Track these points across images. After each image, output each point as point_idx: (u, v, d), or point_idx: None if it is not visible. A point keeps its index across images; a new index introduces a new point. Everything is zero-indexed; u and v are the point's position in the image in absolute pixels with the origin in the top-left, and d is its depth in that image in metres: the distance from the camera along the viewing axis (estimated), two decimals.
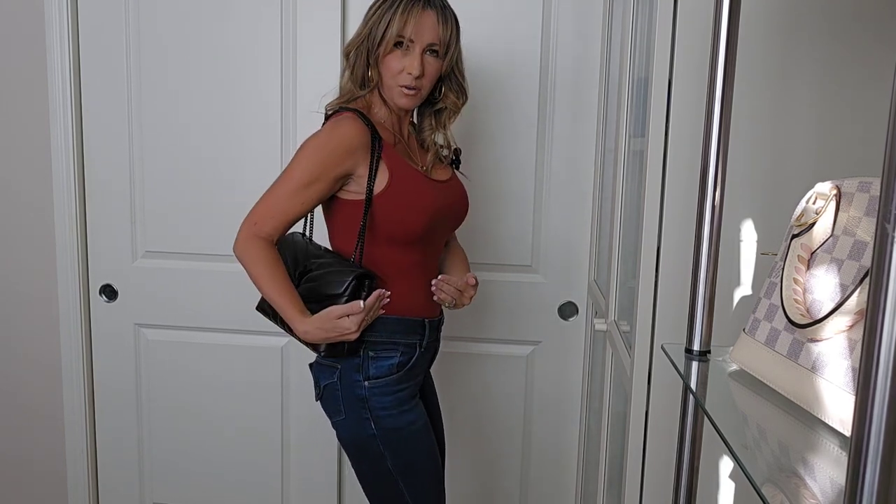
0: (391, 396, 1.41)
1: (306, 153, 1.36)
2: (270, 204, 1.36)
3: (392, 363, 1.42)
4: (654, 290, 1.14)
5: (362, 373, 1.40)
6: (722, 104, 0.85)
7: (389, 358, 1.42)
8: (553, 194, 1.92)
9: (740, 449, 0.64)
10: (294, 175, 1.35)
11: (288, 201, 1.35)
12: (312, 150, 1.36)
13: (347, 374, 1.41)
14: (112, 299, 2.07)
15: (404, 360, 1.43)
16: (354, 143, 1.35)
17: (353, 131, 1.35)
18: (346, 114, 1.39)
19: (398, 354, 1.43)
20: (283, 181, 1.36)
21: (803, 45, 1.06)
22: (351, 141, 1.35)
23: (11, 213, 2.05)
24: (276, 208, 1.35)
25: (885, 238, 0.39)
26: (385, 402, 1.41)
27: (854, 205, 0.68)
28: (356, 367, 1.41)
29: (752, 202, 1.08)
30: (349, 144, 1.34)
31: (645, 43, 1.30)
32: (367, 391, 1.40)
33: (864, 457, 0.40)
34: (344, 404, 1.42)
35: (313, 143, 1.37)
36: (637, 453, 1.18)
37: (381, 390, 1.40)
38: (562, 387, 1.99)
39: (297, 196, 1.34)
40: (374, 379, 1.40)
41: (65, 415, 2.10)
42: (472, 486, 2.06)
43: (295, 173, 1.35)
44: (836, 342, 0.63)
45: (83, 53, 1.98)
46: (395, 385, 1.41)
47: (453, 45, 1.42)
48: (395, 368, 1.42)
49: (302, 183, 1.34)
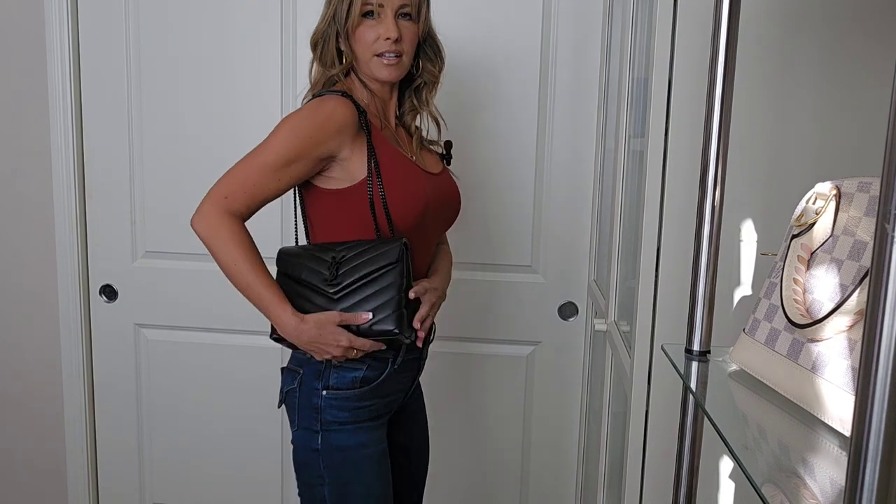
0: (349, 412, 1.27)
1: (288, 127, 1.21)
2: (243, 177, 1.19)
3: (356, 376, 1.28)
4: (654, 290, 1.14)
5: (322, 381, 1.27)
6: (722, 104, 0.85)
7: (354, 370, 1.28)
8: (553, 194, 1.92)
9: (740, 449, 0.64)
10: (273, 149, 1.19)
11: (264, 177, 1.19)
12: (295, 125, 1.22)
13: (308, 380, 1.29)
14: (112, 299, 2.07)
15: (371, 376, 1.29)
16: (341, 121, 1.22)
17: (341, 108, 1.23)
18: (328, 95, 1.26)
19: (364, 368, 1.28)
20: (259, 154, 1.20)
21: (803, 45, 1.06)
22: (338, 118, 1.22)
23: (11, 213, 2.05)
24: (250, 183, 1.19)
25: (885, 238, 0.39)
26: (340, 417, 1.27)
27: (854, 205, 0.68)
28: (317, 373, 1.28)
29: (752, 202, 1.08)
30: (336, 122, 1.22)
31: (645, 43, 1.30)
32: (323, 401, 1.26)
33: (863, 456, 0.40)
34: (299, 413, 1.29)
35: (295, 119, 1.23)
36: (637, 453, 1.18)
37: (338, 403, 1.27)
38: (562, 387, 1.99)
39: (274, 174, 1.19)
40: (333, 389, 1.27)
41: (65, 415, 2.10)
42: (472, 486, 2.06)
43: (274, 148, 1.19)
44: (836, 342, 0.63)
45: (83, 53, 1.98)
46: (355, 401, 1.27)
47: (424, 6, 1.32)
48: (359, 382, 1.28)
49: (281, 160, 1.19)
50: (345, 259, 1.24)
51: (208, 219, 1.18)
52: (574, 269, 1.94)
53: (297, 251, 1.29)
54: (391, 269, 1.22)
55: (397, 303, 1.23)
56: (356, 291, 1.23)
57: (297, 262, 1.27)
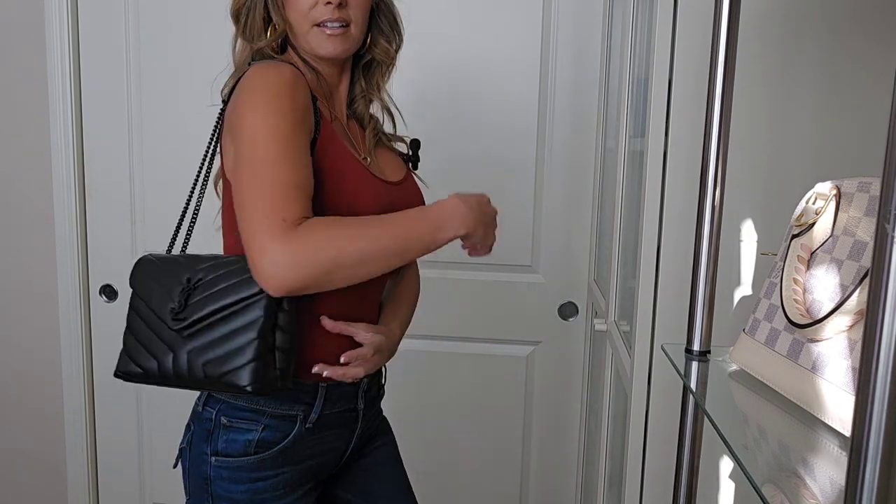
0: (244, 486, 1.00)
1: (249, 107, 0.94)
2: (274, 186, 0.90)
3: (249, 439, 1.00)
4: (654, 290, 1.14)
5: (210, 444, 1.02)
6: (722, 104, 0.85)
7: (247, 430, 1.01)
8: (553, 194, 1.92)
9: (740, 449, 0.64)
10: (262, 136, 0.92)
11: (288, 170, 0.92)
12: (253, 100, 0.94)
13: (197, 441, 1.04)
14: (112, 299, 2.07)
15: (270, 438, 1.01)
16: (299, 84, 0.96)
17: (289, 72, 0.96)
18: (263, 63, 0.99)
19: (259, 428, 1.01)
20: (257, 155, 0.92)
21: (803, 45, 1.06)
22: (293, 81, 0.96)
23: (12, 214, 2.04)
24: (285, 187, 0.90)
25: (885, 238, 0.39)
26: (234, 492, 1.01)
27: (854, 205, 0.68)
28: (206, 433, 1.03)
29: (752, 202, 1.08)
30: (294, 83, 0.96)
31: (645, 43, 1.30)
32: (212, 470, 1.01)
33: (863, 457, 0.40)
34: (189, 481, 1.05)
35: (247, 97, 0.95)
36: (637, 453, 1.18)
37: (229, 475, 1.00)
38: (562, 387, 1.99)
39: (293, 159, 0.92)
40: (221, 456, 1.01)
41: (65, 414, 2.10)
42: (472, 486, 2.06)
43: (260, 135, 0.92)
44: (836, 342, 0.63)
45: (83, 53, 1.98)
46: (250, 471, 1.00)
47: None
48: (253, 448, 1.00)
49: (282, 137, 0.92)
50: (201, 283, 0.97)
51: (286, 256, 0.88)
52: (574, 269, 1.94)
53: (159, 261, 1.05)
54: (254, 303, 0.93)
55: (256, 350, 0.92)
56: (207, 330, 0.95)
57: (152, 280, 1.02)
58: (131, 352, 1.01)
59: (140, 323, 1.01)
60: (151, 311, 1.00)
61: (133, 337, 1.02)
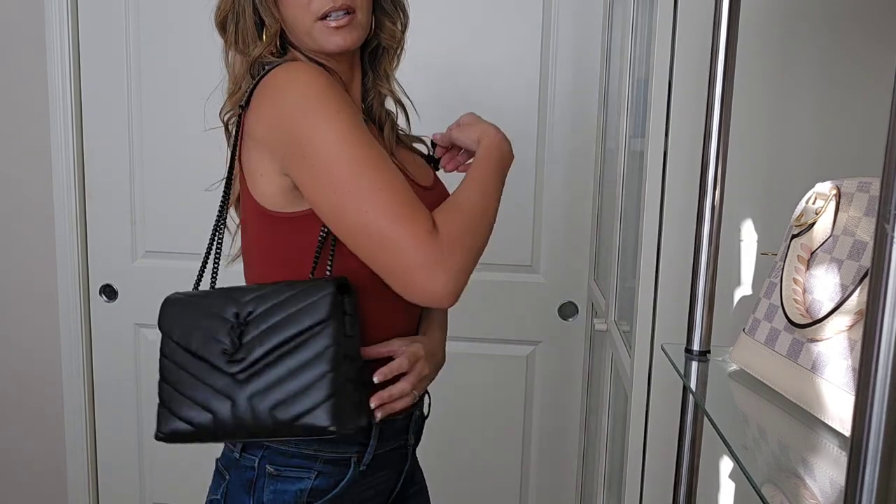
0: None
1: (301, 114, 0.84)
2: (395, 193, 0.82)
3: (301, 488, 0.91)
4: (654, 290, 1.14)
5: (253, 495, 0.91)
6: (722, 104, 0.85)
7: (298, 480, 0.91)
8: (553, 194, 1.92)
9: (740, 449, 0.64)
10: (341, 141, 0.82)
11: (391, 170, 0.84)
12: (301, 105, 0.84)
13: (235, 491, 0.93)
14: (112, 299, 2.07)
15: (323, 486, 0.91)
16: (332, 80, 0.89)
17: (318, 70, 0.88)
18: (286, 65, 0.90)
19: (312, 476, 0.91)
20: (347, 164, 0.81)
21: (803, 45, 1.06)
22: (328, 76, 0.89)
23: (12, 213, 2.05)
24: (404, 191, 0.83)
25: (885, 238, 0.39)
26: None
27: (854, 205, 0.68)
28: (246, 483, 0.92)
29: (752, 202, 1.08)
30: (330, 79, 0.88)
31: (645, 43, 1.30)
32: None
33: (863, 457, 0.40)
34: None
35: (291, 104, 0.85)
36: (637, 453, 1.18)
37: None
38: (562, 387, 1.99)
39: (383, 155, 0.85)
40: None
41: (65, 415, 2.10)
42: (472, 486, 2.06)
43: (337, 141, 0.82)
44: (836, 342, 0.63)
45: (83, 53, 1.98)
46: None
47: None
48: (305, 498, 0.91)
49: (363, 137, 0.84)
50: (252, 318, 0.86)
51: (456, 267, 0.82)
52: (574, 269, 1.94)
53: (190, 300, 0.91)
54: (319, 332, 0.84)
55: (332, 384, 0.83)
56: (267, 369, 0.84)
57: (189, 321, 0.88)
58: (174, 407, 0.86)
59: (180, 373, 0.87)
60: (193, 355, 0.87)
61: (172, 389, 0.87)
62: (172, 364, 0.88)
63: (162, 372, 0.89)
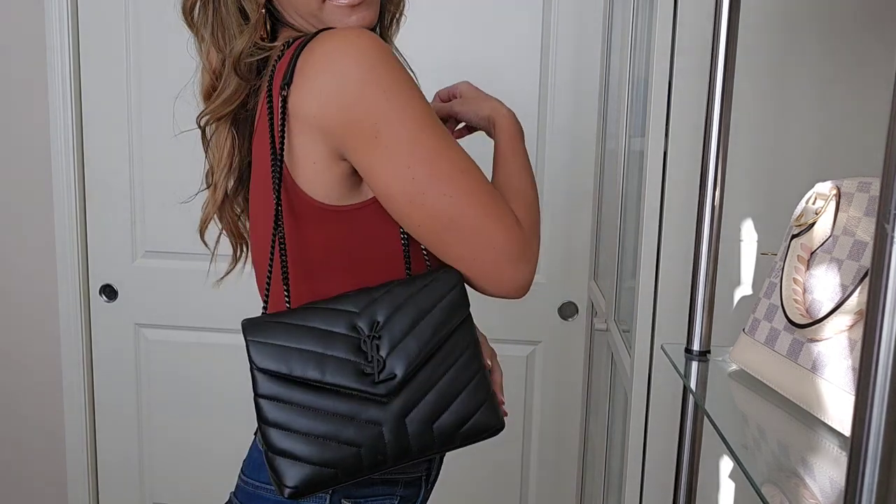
0: None
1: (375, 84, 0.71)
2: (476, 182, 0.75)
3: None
4: (654, 290, 1.14)
5: None
6: (722, 104, 0.85)
7: (381, 497, 0.82)
8: (553, 194, 1.92)
9: (740, 449, 0.64)
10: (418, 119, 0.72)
11: (465, 155, 0.76)
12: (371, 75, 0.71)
13: None
14: (112, 299, 2.07)
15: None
16: None
17: (382, 41, 0.74)
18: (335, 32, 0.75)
19: (396, 501, 0.84)
20: (424, 149, 0.72)
21: (803, 45, 1.06)
22: (391, 49, 0.78)
23: (12, 213, 2.04)
24: (481, 177, 0.76)
25: (885, 238, 0.39)
26: None
27: (854, 205, 0.68)
28: None
29: (752, 202, 1.08)
30: (392, 51, 0.77)
31: (645, 43, 1.30)
32: None
33: (863, 457, 0.40)
34: None
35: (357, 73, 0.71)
36: (637, 453, 1.18)
37: None
38: (562, 387, 1.99)
39: (452, 139, 0.76)
40: None
41: (65, 415, 2.10)
42: (472, 487, 2.06)
43: (414, 118, 0.72)
44: (836, 342, 0.63)
45: (83, 53, 1.98)
46: None
47: None
48: None
49: (434, 120, 0.74)
50: (384, 325, 0.74)
51: (534, 259, 0.81)
52: (574, 269, 1.94)
53: (283, 323, 0.75)
54: (460, 327, 0.78)
55: (486, 381, 0.79)
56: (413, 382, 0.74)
57: (296, 346, 0.74)
58: (305, 454, 0.72)
59: (307, 413, 0.72)
60: (313, 386, 0.73)
61: (298, 435, 0.72)
62: (290, 407, 0.73)
63: (263, 415, 0.73)
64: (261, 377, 0.74)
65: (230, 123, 0.92)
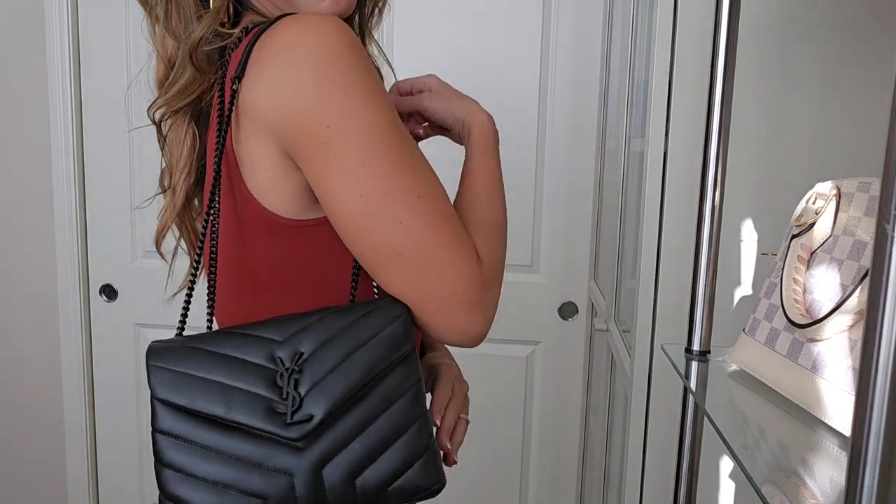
0: None
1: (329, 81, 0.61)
2: (436, 205, 0.64)
3: None
4: (654, 290, 1.14)
5: None
6: (722, 105, 0.85)
7: None
8: (553, 194, 1.92)
9: (740, 449, 0.64)
10: (374, 128, 0.62)
11: (431, 175, 0.66)
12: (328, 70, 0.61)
13: None
14: (112, 299, 2.07)
15: None
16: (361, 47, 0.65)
17: (346, 28, 0.64)
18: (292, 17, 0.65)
19: None
20: (377, 161, 0.61)
21: (803, 45, 1.06)
22: (356, 38, 0.64)
23: (12, 213, 2.05)
24: (445, 201, 0.66)
25: (885, 238, 0.39)
26: None
27: (854, 205, 0.68)
28: None
29: (752, 202, 1.08)
30: (357, 40, 0.64)
31: (645, 43, 1.30)
32: None
33: (863, 457, 0.40)
34: None
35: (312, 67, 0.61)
36: (637, 453, 1.18)
37: None
38: (562, 387, 1.99)
39: (415, 151, 0.66)
40: None
41: (65, 415, 2.10)
42: (472, 487, 2.06)
43: (371, 125, 0.61)
44: (836, 342, 0.63)
45: (83, 53, 1.98)
46: None
47: None
48: None
49: (395, 128, 0.64)
50: (308, 358, 0.63)
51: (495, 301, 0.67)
52: (574, 269, 1.94)
53: (195, 348, 0.68)
54: (400, 364, 0.65)
55: (428, 428, 0.67)
56: (337, 424, 0.63)
57: (202, 375, 0.66)
58: (192, 497, 0.62)
59: (209, 456, 0.63)
60: (215, 422, 0.63)
61: (196, 481, 0.63)
62: (188, 446, 0.64)
63: (159, 454, 0.65)
64: (161, 409, 0.66)
65: (189, 118, 0.81)
